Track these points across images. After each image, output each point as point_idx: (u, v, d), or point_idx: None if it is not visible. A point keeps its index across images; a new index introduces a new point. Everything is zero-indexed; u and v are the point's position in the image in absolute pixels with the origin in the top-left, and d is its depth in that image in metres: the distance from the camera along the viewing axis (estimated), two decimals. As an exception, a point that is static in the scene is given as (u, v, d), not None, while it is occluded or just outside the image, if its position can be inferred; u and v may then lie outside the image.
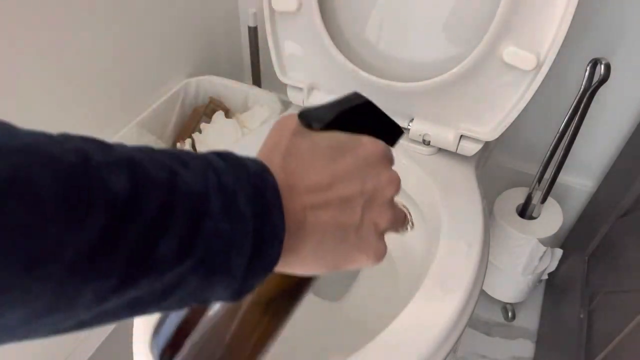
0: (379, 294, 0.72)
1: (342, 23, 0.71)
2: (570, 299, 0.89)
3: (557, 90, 0.85)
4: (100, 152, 0.19)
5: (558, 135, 0.77)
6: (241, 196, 0.21)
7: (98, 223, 0.17)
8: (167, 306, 0.21)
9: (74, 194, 0.17)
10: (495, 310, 1.03)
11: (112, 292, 0.18)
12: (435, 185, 0.66)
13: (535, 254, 0.87)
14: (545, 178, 0.84)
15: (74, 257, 0.17)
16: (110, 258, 0.17)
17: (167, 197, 0.19)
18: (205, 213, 0.20)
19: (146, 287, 0.19)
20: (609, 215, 0.84)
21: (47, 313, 0.18)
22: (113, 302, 0.19)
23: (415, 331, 0.50)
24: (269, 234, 0.22)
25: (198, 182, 0.20)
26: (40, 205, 0.16)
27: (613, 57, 0.75)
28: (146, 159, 0.20)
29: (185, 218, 0.19)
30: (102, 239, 0.17)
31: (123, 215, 0.18)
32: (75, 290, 0.17)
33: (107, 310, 0.19)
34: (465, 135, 0.68)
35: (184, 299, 0.21)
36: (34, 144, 0.17)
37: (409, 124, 0.70)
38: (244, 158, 0.23)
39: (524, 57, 0.59)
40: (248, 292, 0.23)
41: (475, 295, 0.55)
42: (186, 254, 0.19)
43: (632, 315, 0.62)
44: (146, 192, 0.19)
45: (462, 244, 0.58)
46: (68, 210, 0.16)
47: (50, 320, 0.18)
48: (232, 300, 0.23)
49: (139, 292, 0.19)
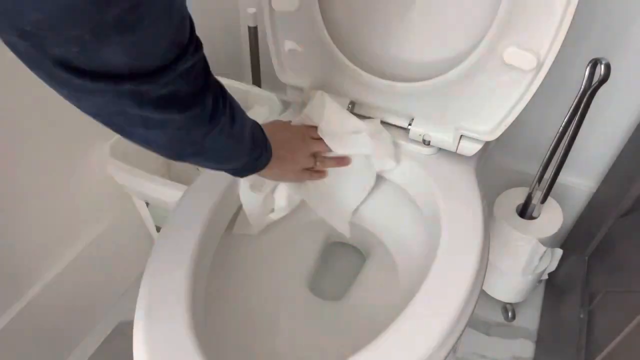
0: (379, 294, 0.72)
1: (342, 23, 0.71)
2: (570, 299, 0.89)
3: (557, 90, 0.85)
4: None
5: (558, 135, 0.77)
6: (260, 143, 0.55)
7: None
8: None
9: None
10: (495, 310, 1.03)
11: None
12: (435, 185, 0.66)
13: (535, 254, 0.87)
14: (545, 178, 0.84)
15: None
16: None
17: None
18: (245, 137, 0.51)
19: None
20: (609, 215, 0.84)
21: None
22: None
23: (415, 331, 0.50)
24: (263, 157, 0.56)
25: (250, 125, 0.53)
26: None
27: (613, 57, 0.75)
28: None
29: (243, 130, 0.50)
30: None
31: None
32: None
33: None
34: (465, 135, 0.68)
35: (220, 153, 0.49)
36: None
37: (409, 124, 0.70)
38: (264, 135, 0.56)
39: (524, 57, 0.59)
40: (242, 176, 0.58)
41: (475, 295, 0.55)
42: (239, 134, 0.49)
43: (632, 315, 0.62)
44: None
45: (462, 244, 0.58)
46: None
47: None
48: (232, 175, 0.56)
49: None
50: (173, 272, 0.55)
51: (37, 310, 0.83)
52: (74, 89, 0.34)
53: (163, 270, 0.56)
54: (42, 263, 0.84)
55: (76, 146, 0.83)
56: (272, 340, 0.67)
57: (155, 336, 0.50)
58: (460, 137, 0.68)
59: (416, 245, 0.72)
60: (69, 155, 0.82)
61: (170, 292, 0.54)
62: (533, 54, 0.58)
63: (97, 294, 0.98)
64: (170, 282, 0.54)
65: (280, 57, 0.76)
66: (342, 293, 0.74)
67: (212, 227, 0.62)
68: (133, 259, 1.02)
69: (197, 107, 0.40)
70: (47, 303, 0.85)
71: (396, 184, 0.72)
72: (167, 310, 0.52)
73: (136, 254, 1.02)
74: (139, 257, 1.01)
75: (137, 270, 1.05)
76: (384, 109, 0.73)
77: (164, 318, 0.51)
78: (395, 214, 0.77)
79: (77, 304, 0.93)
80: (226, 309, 0.65)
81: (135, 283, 1.05)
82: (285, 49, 0.75)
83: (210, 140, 0.44)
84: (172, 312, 0.52)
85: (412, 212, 0.72)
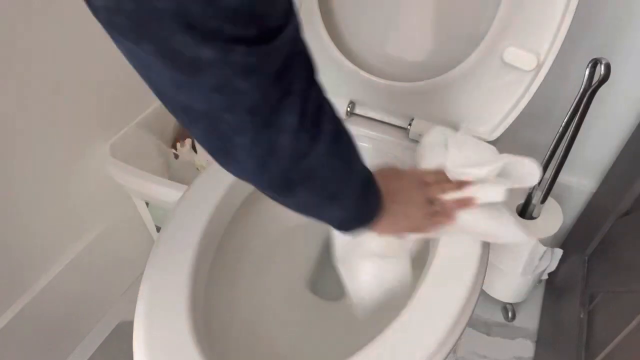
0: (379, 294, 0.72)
1: (342, 23, 0.71)
2: (570, 299, 0.89)
3: (557, 90, 0.85)
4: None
5: (558, 135, 0.77)
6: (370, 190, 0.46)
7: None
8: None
9: None
10: (495, 310, 1.03)
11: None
12: (435, 185, 0.66)
13: (535, 254, 0.87)
14: (545, 178, 0.84)
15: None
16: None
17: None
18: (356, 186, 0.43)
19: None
20: (609, 215, 0.84)
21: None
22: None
23: (415, 331, 0.50)
24: (373, 206, 0.47)
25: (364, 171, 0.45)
26: None
27: (613, 57, 0.75)
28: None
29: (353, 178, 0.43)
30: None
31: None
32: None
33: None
34: (465, 135, 0.68)
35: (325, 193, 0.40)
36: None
37: (409, 124, 0.70)
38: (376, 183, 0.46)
39: (524, 57, 0.59)
40: (349, 230, 0.47)
41: (475, 295, 0.55)
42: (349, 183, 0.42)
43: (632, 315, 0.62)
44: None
45: (462, 244, 0.58)
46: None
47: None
48: (337, 227, 0.46)
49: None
50: (173, 272, 0.55)
51: (37, 310, 0.83)
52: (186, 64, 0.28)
53: (163, 270, 0.56)
54: (42, 263, 0.84)
55: (76, 146, 0.83)
56: (272, 340, 0.67)
57: (155, 336, 0.50)
58: (460, 137, 0.68)
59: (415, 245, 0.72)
60: (69, 155, 0.82)
61: (170, 292, 0.54)
62: (533, 54, 0.58)
63: (97, 294, 0.98)
64: (170, 282, 0.54)
65: (280, 57, 0.76)
66: (342, 293, 0.73)
67: (212, 227, 0.62)
68: (133, 259, 1.02)
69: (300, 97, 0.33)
70: (47, 303, 0.85)
71: (396, 184, 0.72)
72: (167, 310, 0.52)
73: (136, 254, 1.02)
74: (139, 257, 1.01)
75: (137, 270, 1.05)
76: (384, 109, 0.73)
77: (164, 318, 0.51)
78: (395, 214, 0.77)
79: (77, 304, 0.93)
80: (226, 309, 0.65)
81: (135, 283, 1.05)
82: (285, 49, 0.75)
83: (314, 157, 0.36)
84: (172, 312, 0.52)
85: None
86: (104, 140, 0.86)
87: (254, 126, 0.32)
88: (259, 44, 0.29)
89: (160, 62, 0.28)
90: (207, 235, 0.61)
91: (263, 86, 0.31)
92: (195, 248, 0.58)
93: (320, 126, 0.36)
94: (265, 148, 0.34)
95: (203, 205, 0.63)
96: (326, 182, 0.39)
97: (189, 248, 0.58)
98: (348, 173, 0.41)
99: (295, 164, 0.36)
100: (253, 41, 0.28)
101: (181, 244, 0.58)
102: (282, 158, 0.35)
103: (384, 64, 0.71)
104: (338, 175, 0.40)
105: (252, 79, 0.30)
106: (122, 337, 0.97)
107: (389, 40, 0.69)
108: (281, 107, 0.32)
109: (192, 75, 0.29)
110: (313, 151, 0.36)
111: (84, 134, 0.83)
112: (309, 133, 0.35)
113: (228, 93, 0.30)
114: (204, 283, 0.59)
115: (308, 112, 0.34)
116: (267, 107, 0.32)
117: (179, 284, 0.54)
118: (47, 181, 0.79)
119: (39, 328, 0.86)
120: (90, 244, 0.91)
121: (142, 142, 0.92)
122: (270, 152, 0.34)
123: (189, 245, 0.58)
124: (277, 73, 0.31)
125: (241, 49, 0.28)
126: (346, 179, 0.41)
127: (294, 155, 0.35)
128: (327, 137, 0.36)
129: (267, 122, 0.32)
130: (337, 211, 0.43)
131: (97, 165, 0.86)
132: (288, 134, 0.33)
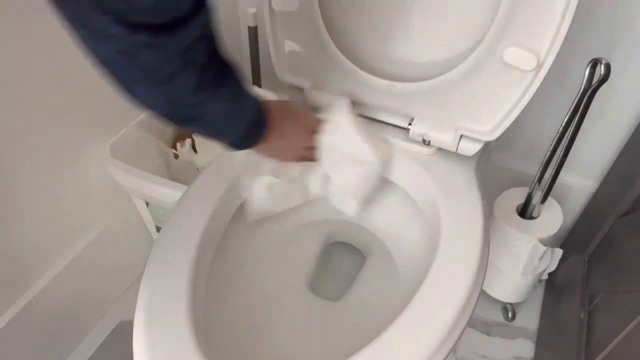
0: (379, 294, 0.72)
1: (342, 23, 0.71)
2: (570, 299, 0.89)
3: (557, 90, 0.85)
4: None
5: (558, 135, 0.77)
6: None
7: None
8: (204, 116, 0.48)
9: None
10: (495, 310, 1.03)
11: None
12: (435, 185, 0.66)
13: (535, 254, 0.87)
14: (545, 178, 0.84)
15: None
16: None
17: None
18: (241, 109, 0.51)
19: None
20: (609, 215, 0.84)
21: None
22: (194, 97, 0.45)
23: (415, 331, 0.50)
24: (255, 140, 0.56)
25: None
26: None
27: (613, 57, 0.75)
28: None
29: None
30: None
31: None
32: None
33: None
34: (465, 135, 0.68)
35: (212, 121, 0.49)
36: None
37: (409, 124, 0.70)
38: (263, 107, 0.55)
39: (524, 57, 0.59)
40: (237, 149, 0.56)
41: (475, 295, 0.55)
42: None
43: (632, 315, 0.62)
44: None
45: (462, 244, 0.58)
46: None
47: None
48: (229, 146, 0.55)
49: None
50: (173, 272, 0.55)
51: (37, 310, 0.83)
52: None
53: (163, 270, 0.56)
54: (42, 263, 0.84)
55: (76, 146, 0.83)
56: (272, 340, 0.67)
57: (155, 336, 0.50)
58: (460, 137, 0.68)
59: (416, 245, 0.72)
60: (69, 155, 0.82)
61: (170, 292, 0.54)
62: (533, 54, 0.58)
63: (97, 293, 0.98)
64: (170, 282, 0.54)
65: (280, 57, 0.76)
66: (342, 293, 0.74)
67: (212, 226, 0.62)
68: (133, 259, 1.02)
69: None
70: (47, 303, 0.85)
71: (396, 184, 0.72)
72: (167, 310, 0.52)
73: (136, 254, 1.02)
74: (139, 257, 1.01)
75: (137, 270, 1.05)
76: (384, 109, 0.73)
77: (164, 318, 0.51)
78: (395, 214, 0.77)
79: (77, 304, 0.93)
80: (226, 309, 0.65)
81: (135, 283, 1.05)
82: (285, 49, 0.75)
83: (210, 104, 0.46)
84: (172, 312, 0.52)
85: (412, 212, 0.72)
86: (104, 140, 0.86)
87: (151, 84, 0.41)
88: (163, 30, 0.36)
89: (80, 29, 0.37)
90: (207, 235, 0.61)
91: (164, 59, 0.39)
92: (195, 248, 0.58)
93: (216, 88, 0.45)
94: (161, 98, 0.43)
95: (203, 205, 0.63)
96: (215, 124, 0.50)
97: (189, 248, 0.58)
98: (235, 119, 0.51)
99: (189, 111, 0.45)
100: (158, 28, 0.36)
101: (181, 244, 0.58)
102: (178, 106, 0.44)
103: (384, 64, 0.71)
104: (226, 120, 0.50)
105: (153, 53, 0.37)
106: (122, 337, 0.97)
107: (389, 40, 0.69)
108: (180, 72, 0.41)
109: (102, 39, 0.36)
110: (207, 105, 0.46)
111: (84, 134, 0.83)
112: (206, 93, 0.44)
113: (131, 57, 0.37)
114: (204, 283, 0.59)
115: (207, 77, 0.43)
116: (166, 72, 0.40)
117: (179, 284, 0.54)
118: (47, 181, 0.79)
119: (39, 328, 0.86)
120: (90, 244, 0.91)
121: (142, 142, 0.92)
122: (166, 101, 0.43)
123: (189, 245, 0.58)
124: (181, 51, 0.39)
125: (146, 32, 0.36)
126: (234, 124, 0.52)
127: (188, 106, 0.45)
128: (221, 96, 0.46)
129: (164, 81, 0.40)
130: (224, 142, 0.54)
131: (97, 165, 0.86)
132: (184, 92, 0.43)
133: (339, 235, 0.82)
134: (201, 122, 0.48)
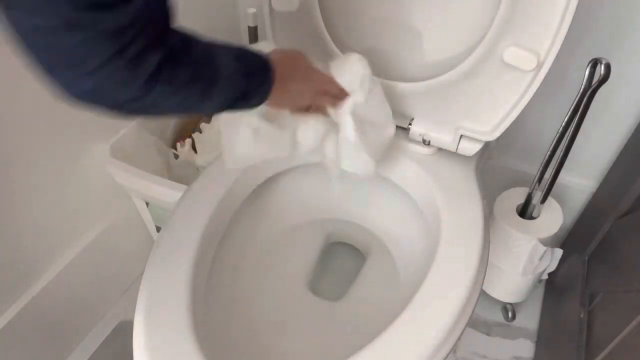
0: (379, 294, 0.72)
1: (342, 23, 0.71)
2: (570, 299, 0.89)
3: (557, 90, 0.85)
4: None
5: (558, 135, 0.77)
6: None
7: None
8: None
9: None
10: (495, 310, 1.03)
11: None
12: (435, 185, 0.66)
13: (535, 254, 0.87)
14: (545, 178, 0.84)
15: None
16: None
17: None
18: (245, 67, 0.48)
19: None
20: (609, 215, 0.84)
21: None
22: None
23: (415, 331, 0.50)
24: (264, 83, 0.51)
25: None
26: None
27: (613, 57, 0.75)
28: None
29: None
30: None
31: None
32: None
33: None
34: (465, 135, 0.68)
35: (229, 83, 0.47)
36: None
37: (409, 124, 0.70)
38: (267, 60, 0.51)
39: (524, 57, 0.59)
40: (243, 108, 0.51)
41: (475, 295, 0.55)
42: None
43: (632, 315, 0.62)
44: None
45: (462, 244, 0.58)
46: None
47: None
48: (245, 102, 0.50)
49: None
50: (173, 272, 0.55)
51: (37, 309, 0.83)
52: None
53: (163, 270, 0.56)
54: (42, 263, 0.84)
55: (76, 146, 0.83)
56: (272, 340, 0.67)
57: (155, 336, 0.50)
58: (460, 137, 0.68)
59: (416, 245, 0.72)
60: (69, 155, 0.82)
61: (170, 292, 0.54)
62: (533, 54, 0.58)
63: (97, 293, 0.98)
64: (170, 282, 0.54)
65: (280, 57, 0.76)
66: (342, 293, 0.74)
67: (212, 226, 0.62)
68: (133, 259, 1.02)
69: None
70: (47, 303, 0.85)
71: (396, 184, 0.72)
72: (167, 310, 0.52)
73: (136, 254, 1.02)
74: (139, 257, 1.01)
75: (137, 270, 1.05)
76: (384, 109, 0.72)
77: (164, 318, 0.51)
78: (395, 214, 0.77)
79: (77, 304, 0.93)
80: (226, 309, 0.65)
81: (135, 283, 1.05)
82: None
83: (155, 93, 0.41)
84: (172, 312, 0.52)
85: (412, 212, 0.72)
86: (104, 140, 0.86)
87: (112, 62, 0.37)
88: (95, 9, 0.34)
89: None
90: (207, 235, 0.61)
91: (95, 42, 0.36)
92: (195, 248, 0.58)
93: (176, 69, 0.41)
94: (114, 79, 0.38)
95: (203, 205, 0.63)
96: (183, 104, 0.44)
97: (189, 248, 0.58)
98: (207, 97, 0.46)
99: (145, 93, 0.40)
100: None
101: (181, 244, 0.58)
102: (132, 89, 0.40)
103: (385, 64, 0.71)
104: (197, 100, 0.45)
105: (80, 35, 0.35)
106: (122, 337, 0.97)
107: (389, 41, 0.69)
108: (142, 54, 0.38)
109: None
110: (171, 85, 0.41)
111: (84, 134, 0.83)
112: (165, 77, 0.40)
113: (81, 31, 0.35)
114: (203, 283, 0.59)
115: (169, 57, 0.40)
116: (125, 57, 0.37)
117: (179, 284, 0.54)
118: (47, 181, 0.79)
119: (40, 327, 0.86)
120: (90, 244, 0.91)
121: (142, 142, 0.92)
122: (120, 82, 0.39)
123: (189, 245, 0.58)
124: (115, 31, 0.35)
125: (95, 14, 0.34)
126: (211, 98, 0.46)
127: (146, 85, 0.40)
128: (184, 77, 0.42)
129: (131, 63, 0.37)
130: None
131: (97, 165, 0.86)
132: (144, 75, 0.39)
133: (339, 235, 0.82)
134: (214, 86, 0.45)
